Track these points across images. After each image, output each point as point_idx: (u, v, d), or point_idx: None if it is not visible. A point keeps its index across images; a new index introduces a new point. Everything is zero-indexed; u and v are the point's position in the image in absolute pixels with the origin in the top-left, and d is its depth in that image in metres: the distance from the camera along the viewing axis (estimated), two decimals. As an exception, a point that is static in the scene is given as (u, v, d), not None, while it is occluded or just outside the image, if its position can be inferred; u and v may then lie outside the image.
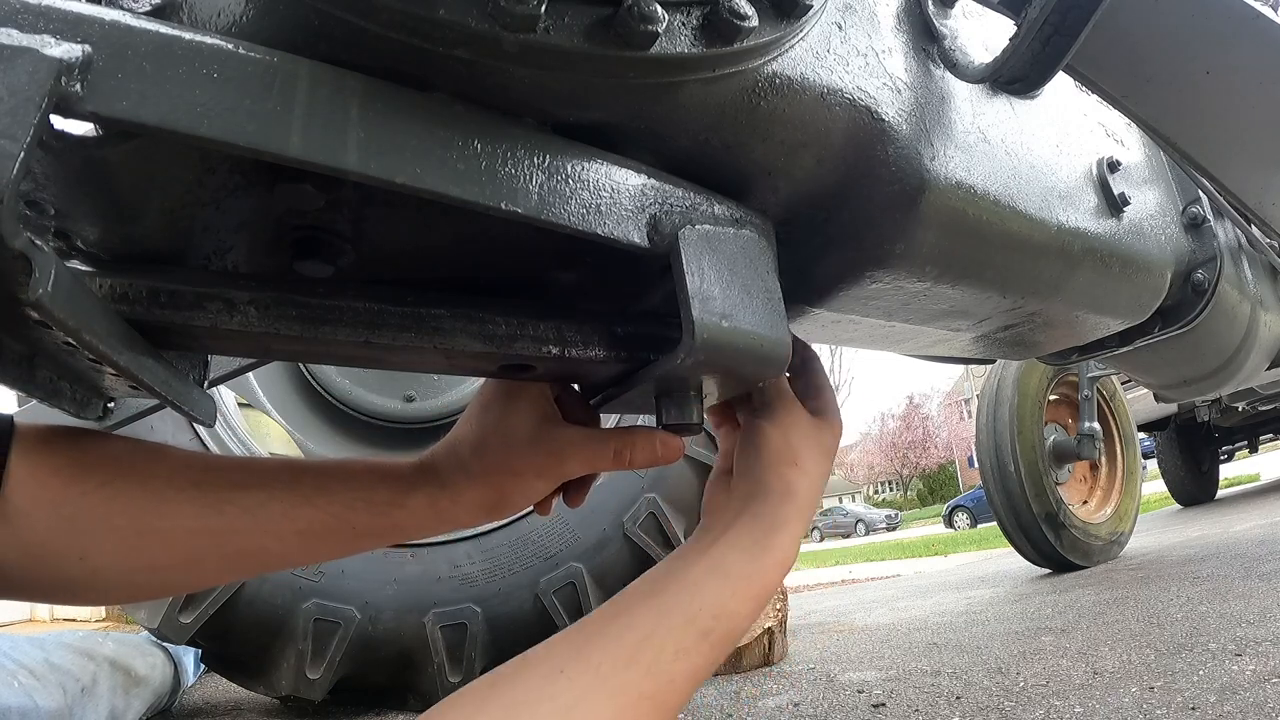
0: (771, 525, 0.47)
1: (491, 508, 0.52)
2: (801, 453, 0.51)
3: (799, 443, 0.51)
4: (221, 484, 0.46)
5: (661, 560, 0.48)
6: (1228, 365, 1.15)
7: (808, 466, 0.51)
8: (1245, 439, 5.82)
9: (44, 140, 0.31)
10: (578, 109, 0.39)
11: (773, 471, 0.49)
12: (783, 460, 0.50)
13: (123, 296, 0.36)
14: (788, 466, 0.50)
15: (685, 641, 0.41)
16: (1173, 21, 0.55)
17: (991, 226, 0.58)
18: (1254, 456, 7.12)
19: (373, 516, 0.49)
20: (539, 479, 0.52)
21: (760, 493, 0.49)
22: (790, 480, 0.49)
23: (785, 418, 0.52)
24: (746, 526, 0.47)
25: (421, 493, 0.51)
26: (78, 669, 1.35)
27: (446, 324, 0.42)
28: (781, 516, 0.48)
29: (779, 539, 0.47)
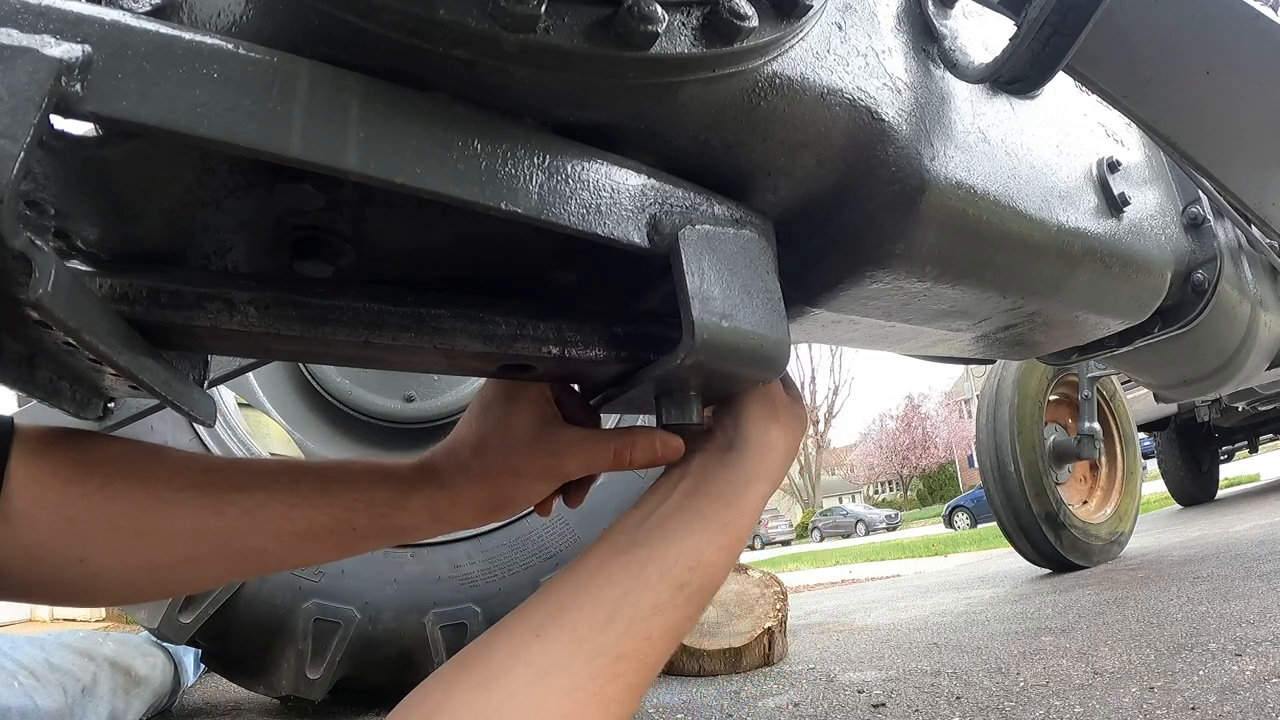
0: (750, 475, 0.48)
1: (491, 509, 0.52)
2: (782, 412, 0.52)
3: (780, 404, 0.52)
4: (221, 485, 0.46)
5: (632, 507, 0.48)
6: (1228, 365, 1.15)
7: (788, 424, 0.52)
8: (1245, 439, 5.82)
9: (44, 140, 0.31)
10: (578, 109, 0.39)
11: (755, 424, 0.50)
12: (765, 414, 0.51)
13: (123, 296, 0.36)
14: (770, 421, 0.50)
15: (661, 596, 0.41)
16: (1173, 21, 0.55)
17: (991, 226, 0.58)
18: (1254, 456, 7.12)
19: (372, 518, 0.49)
20: (539, 480, 0.52)
21: (739, 444, 0.49)
22: (771, 435, 0.50)
23: None
24: (723, 476, 0.48)
25: (421, 494, 0.51)
26: (78, 669, 1.35)
27: (446, 324, 0.42)
28: (759, 467, 0.49)
29: (754, 490, 0.48)
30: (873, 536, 20.86)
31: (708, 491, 0.47)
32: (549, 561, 1.47)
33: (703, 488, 0.47)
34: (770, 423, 0.51)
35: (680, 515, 0.45)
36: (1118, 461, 3.03)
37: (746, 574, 1.88)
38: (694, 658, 1.67)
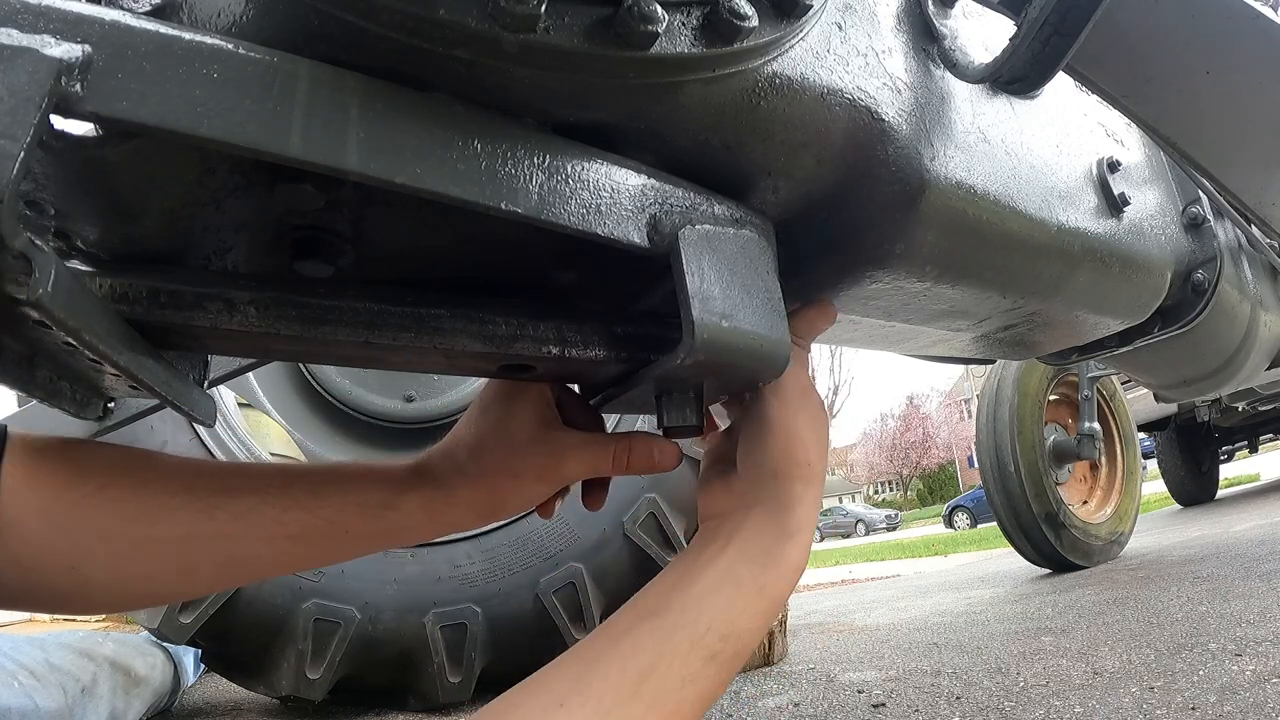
0: (784, 532, 0.44)
1: (489, 510, 0.51)
2: (811, 448, 0.47)
3: (808, 434, 0.47)
4: (213, 490, 0.45)
5: (666, 567, 0.46)
6: (1228, 365, 1.15)
7: (816, 464, 0.47)
8: (1245, 439, 5.82)
9: (44, 140, 0.31)
10: (578, 109, 0.39)
11: (785, 471, 0.46)
12: (795, 459, 0.46)
13: (123, 296, 0.36)
14: (801, 466, 0.46)
15: (691, 667, 0.39)
16: (1173, 21, 0.55)
17: (991, 226, 0.58)
18: (1254, 456, 7.12)
19: (365, 520, 0.48)
20: (538, 482, 0.51)
21: (770, 495, 0.46)
22: (805, 482, 0.46)
23: (796, 400, 0.48)
24: (756, 533, 0.44)
25: (416, 495, 0.50)
26: (78, 669, 1.35)
27: (446, 324, 0.42)
28: (795, 523, 0.45)
29: (792, 548, 0.44)
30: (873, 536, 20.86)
31: (741, 552, 0.44)
32: (549, 561, 1.47)
33: (736, 547, 0.44)
34: (801, 468, 0.47)
35: (713, 578, 0.42)
36: (1118, 461, 3.03)
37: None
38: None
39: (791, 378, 0.47)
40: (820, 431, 0.48)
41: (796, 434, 0.47)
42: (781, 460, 0.46)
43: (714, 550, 0.44)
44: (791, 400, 0.48)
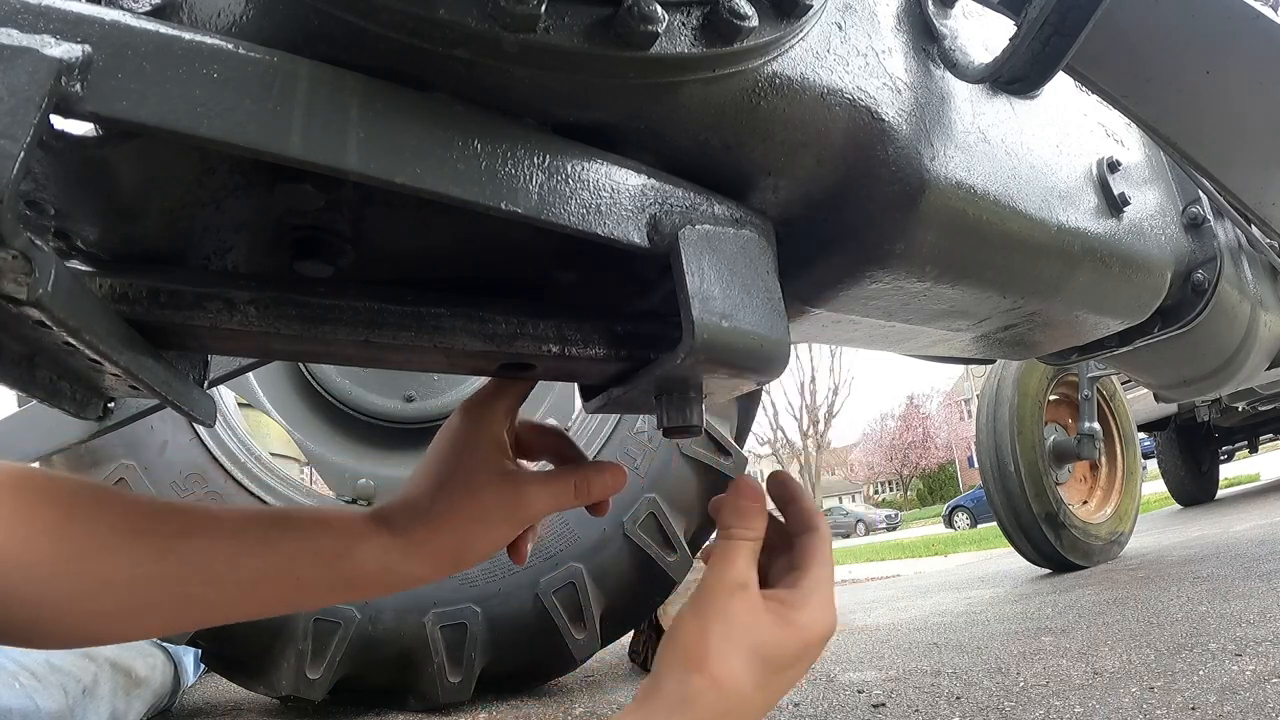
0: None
1: (454, 558, 0.49)
2: (717, 654, 0.40)
3: (719, 639, 0.41)
4: (165, 531, 0.43)
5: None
6: (1228, 365, 1.15)
7: (722, 674, 0.40)
8: (1245, 439, 5.82)
9: (44, 140, 0.31)
10: (578, 109, 0.39)
11: (669, 669, 0.41)
12: (685, 657, 0.41)
13: (123, 296, 0.36)
14: (687, 669, 0.40)
15: None
16: (1172, 21, 0.55)
17: (991, 226, 0.58)
18: (1254, 456, 7.12)
19: (318, 568, 0.46)
20: (504, 524, 0.49)
21: (652, 694, 0.41)
22: (689, 688, 0.40)
23: (713, 597, 0.42)
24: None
25: (372, 544, 0.47)
26: (79, 670, 1.35)
27: (446, 323, 0.42)
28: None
29: None
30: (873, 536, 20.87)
31: None
32: (549, 561, 1.47)
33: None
34: (687, 672, 0.40)
35: None
36: (1118, 461, 3.03)
37: (746, 574, 1.88)
38: (694, 658, 1.67)
39: (717, 574, 0.44)
40: (742, 645, 0.41)
41: (696, 632, 0.42)
42: (677, 661, 0.41)
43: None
44: (709, 597, 0.43)
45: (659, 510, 1.51)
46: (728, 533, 0.46)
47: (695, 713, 0.39)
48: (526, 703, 1.50)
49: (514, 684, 1.57)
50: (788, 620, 0.43)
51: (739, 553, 0.44)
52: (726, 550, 0.45)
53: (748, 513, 0.47)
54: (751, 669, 0.41)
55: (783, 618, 0.43)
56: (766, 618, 0.43)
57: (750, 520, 0.46)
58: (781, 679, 0.43)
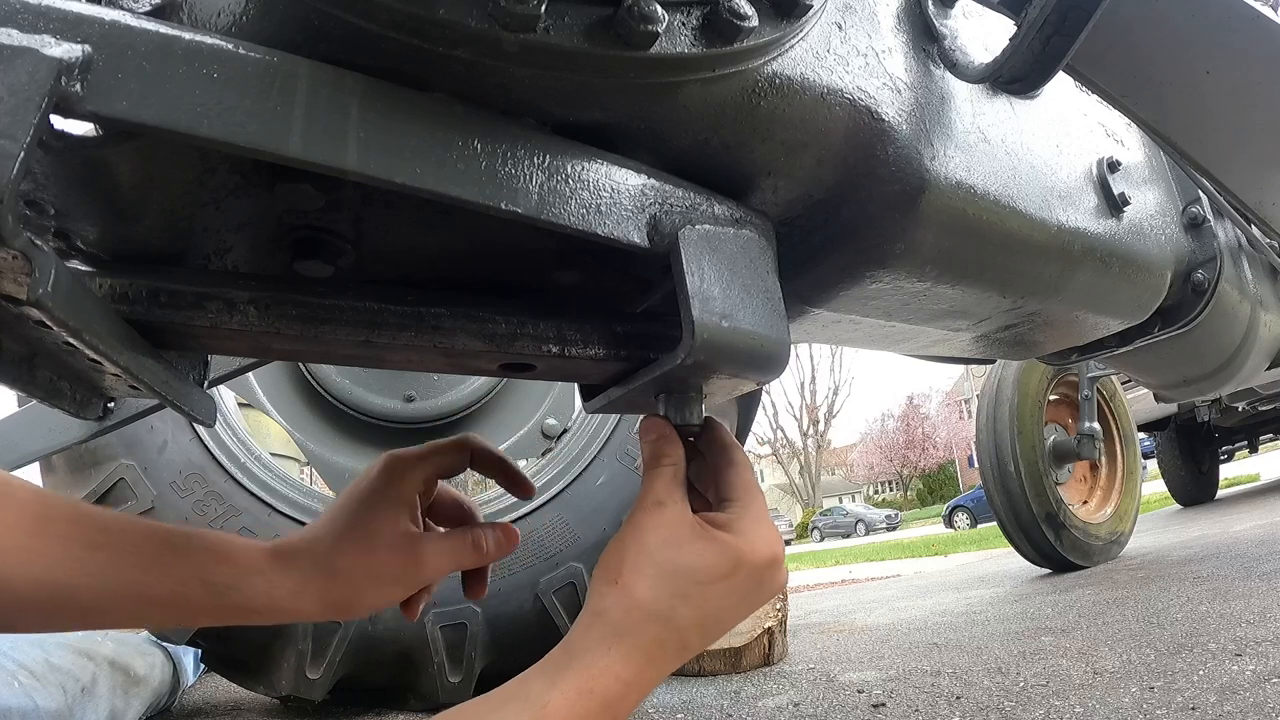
0: (571, 650, 0.40)
1: (342, 607, 0.51)
2: (630, 566, 0.41)
3: (634, 553, 0.41)
4: (70, 539, 0.44)
5: None
6: (1228, 365, 1.15)
7: (634, 585, 0.40)
8: (1245, 439, 5.83)
9: (44, 140, 0.31)
10: (578, 109, 0.39)
11: (592, 587, 0.42)
12: (604, 572, 0.42)
13: (123, 296, 0.36)
14: (605, 581, 0.41)
15: None
16: (1172, 21, 0.55)
17: (991, 226, 0.58)
18: (1254, 456, 7.12)
19: (209, 596, 0.48)
20: (396, 584, 0.51)
21: (580, 615, 0.42)
22: (604, 600, 0.41)
23: (632, 516, 0.43)
24: (555, 650, 0.41)
25: (265, 580, 0.49)
26: (77, 669, 1.35)
27: (447, 323, 0.42)
28: (582, 643, 0.40)
29: (575, 670, 0.39)
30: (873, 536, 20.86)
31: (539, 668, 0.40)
32: (549, 561, 1.47)
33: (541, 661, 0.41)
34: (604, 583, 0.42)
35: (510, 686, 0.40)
36: (1118, 461, 3.03)
37: (746, 574, 1.88)
38: (694, 658, 1.67)
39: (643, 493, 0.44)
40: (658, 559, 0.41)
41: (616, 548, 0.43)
42: (597, 574, 0.43)
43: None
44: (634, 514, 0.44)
45: (659, 510, 1.51)
46: (646, 465, 0.46)
47: (609, 623, 0.40)
48: (526, 703, 1.50)
49: (514, 684, 1.57)
50: (711, 536, 0.43)
51: (657, 477, 0.45)
52: (647, 479, 0.45)
53: (660, 445, 0.46)
54: (667, 580, 0.41)
55: (706, 533, 0.43)
56: (686, 530, 0.42)
57: (664, 450, 0.46)
58: (713, 592, 0.42)
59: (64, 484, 1.39)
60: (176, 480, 1.42)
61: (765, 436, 35.60)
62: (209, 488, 1.43)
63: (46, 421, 0.76)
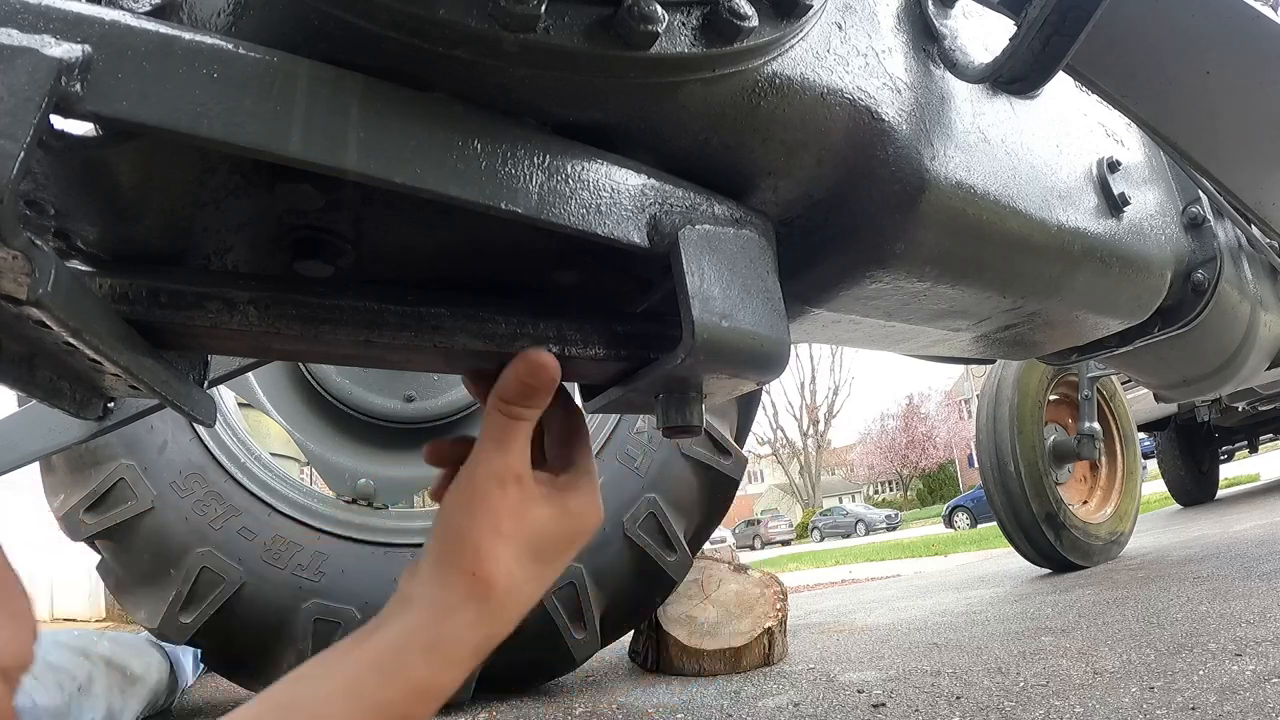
0: (416, 645, 0.37)
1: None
2: (489, 555, 0.38)
3: (490, 537, 0.38)
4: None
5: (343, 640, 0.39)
6: (1228, 365, 1.15)
7: (493, 575, 0.38)
8: (1245, 439, 5.83)
9: (44, 140, 0.31)
10: (578, 109, 0.39)
11: (435, 568, 0.38)
12: (454, 556, 0.38)
13: (122, 296, 0.36)
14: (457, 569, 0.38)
15: None
16: (1173, 22, 0.55)
17: (991, 226, 0.58)
18: (1254, 456, 7.12)
19: None
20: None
21: (420, 601, 0.38)
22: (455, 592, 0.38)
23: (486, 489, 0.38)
24: (391, 638, 0.37)
25: None
26: (74, 668, 1.35)
27: (447, 323, 0.42)
28: (432, 637, 0.37)
29: (425, 666, 0.37)
30: (873, 536, 20.86)
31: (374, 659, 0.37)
32: (549, 561, 1.47)
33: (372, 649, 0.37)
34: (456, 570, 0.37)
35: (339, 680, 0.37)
36: (1118, 461, 3.03)
37: (746, 574, 1.88)
38: (694, 658, 1.67)
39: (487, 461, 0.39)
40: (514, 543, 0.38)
41: (463, 532, 0.38)
42: (445, 555, 0.38)
43: (352, 645, 0.38)
44: (478, 488, 0.39)
45: (659, 510, 1.51)
46: (508, 409, 0.40)
47: (462, 618, 0.37)
48: (526, 703, 1.50)
49: (514, 684, 1.57)
50: (563, 509, 0.40)
51: (516, 436, 0.40)
52: (504, 431, 0.39)
53: (535, 390, 0.40)
54: (523, 566, 0.39)
55: (558, 506, 0.40)
56: (541, 509, 0.40)
57: (537, 398, 0.40)
58: (549, 568, 0.40)
59: (64, 484, 1.39)
60: (176, 480, 1.42)
61: (765, 436, 35.61)
62: (209, 488, 1.43)
63: (46, 421, 0.76)
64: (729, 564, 1.94)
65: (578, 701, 1.50)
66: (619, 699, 1.50)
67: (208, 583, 1.36)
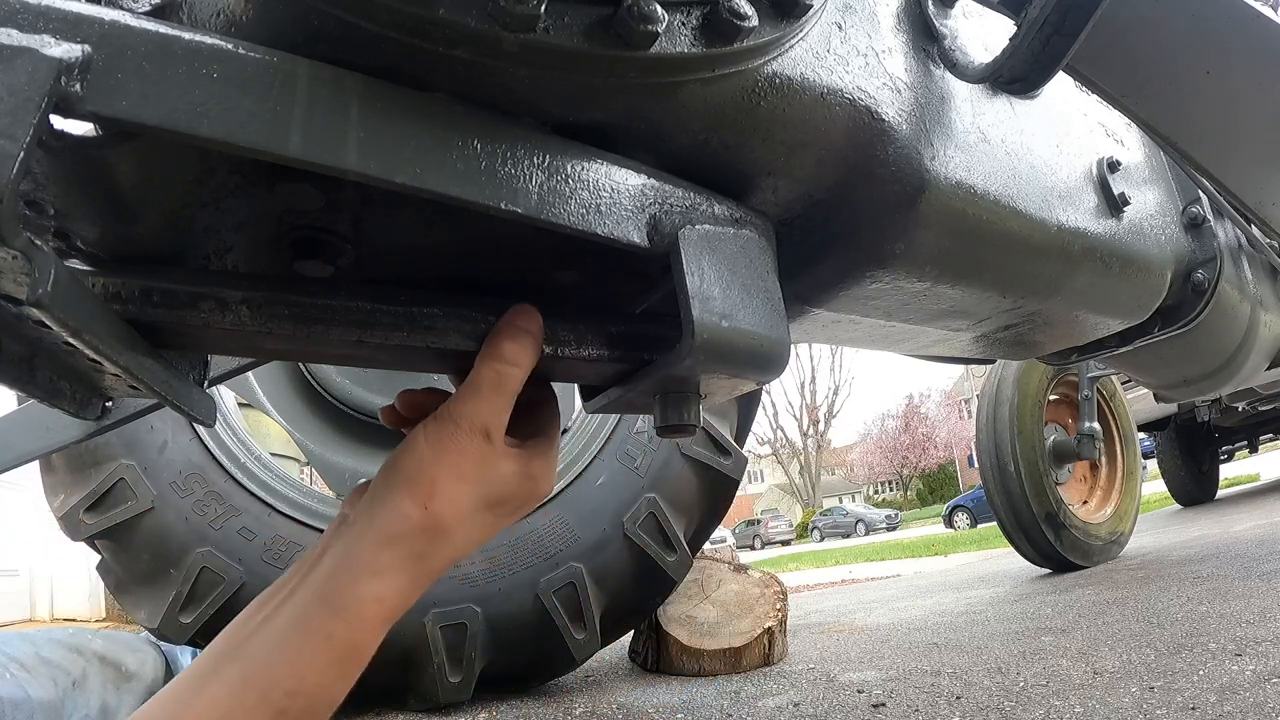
0: (362, 568, 0.38)
1: None
2: (444, 494, 0.39)
3: (450, 479, 0.39)
4: None
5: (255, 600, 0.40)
6: (1228, 365, 1.15)
7: (443, 514, 0.39)
8: (1245, 439, 5.83)
9: (44, 140, 0.31)
10: (578, 109, 0.39)
11: (388, 492, 0.39)
12: (410, 487, 0.39)
13: (115, 295, 0.36)
14: (410, 500, 0.38)
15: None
16: (1172, 22, 0.55)
17: (991, 227, 0.58)
18: (1254, 456, 7.12)
19: None
20: None
21: (365, 523, 0.39)
22: (405, 521, 0.38)
23: (457, 433, 0.39)
24: (335, 566, 0.38)
25: None
26: (68, 663, 1.36)
27: (440, 324, 0.42)
28: (377, 562, 0.38)
29: (366, 589, 0.37)
30: (873, 536, 20.86)
31: (316, 591, 0.37)
32: (549, 561, 1.47)
33: (312, 582, 0.38)
34: (411, 502, 0.38)
35: (282, 621, 0.37)
36: (1118, 461, 3.03)
37: (746, 574, 1.88)
38: (694, 658, 1.67)
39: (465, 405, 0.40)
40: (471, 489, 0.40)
41: (426, 467, 0.39)
42: (399, 485, 0.39)
43: (295, 582, 0.39)
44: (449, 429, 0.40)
45: (659, 510, 1.51)
46: (500, 357, 0.40)
47: (403, 547, 0.38)
48: (526, 703, 1.50)
49: (514, 684, 1.57)
50: (525, 470, 0.42)
51: (502, 388, 0.40)
52: (493, 381, 0.40)
53: (527, 343, 0.41)
54: (474, 513, 0.40)
55: (520, 465, 0.42)
56: (505, 464, 0.41)
57: (529, 353, 0.41)
58: (496, 523, 0.42)
59: (64, 484, 1.39)
60: (176, 480, 1.42)
61: (765, 436, 35.62)
62: (209, 488, 1.43)
63: (45, 421, 0.76)
64: (729, 564, 1.94)
65: (578, 701, 1.50)
66: (619, 699, 1.50)
67: (208, 583, 1.36)
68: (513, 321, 0.42)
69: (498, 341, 0.41)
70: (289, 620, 0.37)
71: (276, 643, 0.36)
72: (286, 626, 0.37)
